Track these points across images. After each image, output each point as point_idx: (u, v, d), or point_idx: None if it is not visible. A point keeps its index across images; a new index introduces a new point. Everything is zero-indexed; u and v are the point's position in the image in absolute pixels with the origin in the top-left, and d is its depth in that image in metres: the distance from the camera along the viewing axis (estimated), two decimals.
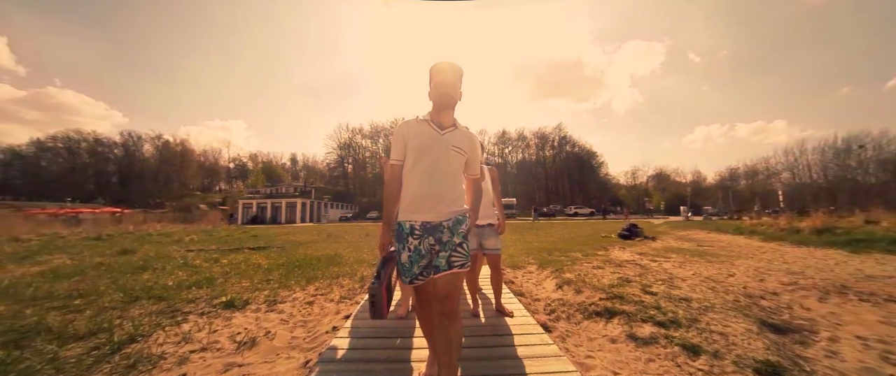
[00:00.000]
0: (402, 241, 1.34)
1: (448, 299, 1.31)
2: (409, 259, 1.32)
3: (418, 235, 1.31)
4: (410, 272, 1.32)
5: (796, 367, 1.89)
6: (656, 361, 1.94)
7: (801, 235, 9.36)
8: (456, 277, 1.33)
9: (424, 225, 1.32)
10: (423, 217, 1.32)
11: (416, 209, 1.33)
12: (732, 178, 61.34)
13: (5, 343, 2.00)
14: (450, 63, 1.36)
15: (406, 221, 1.34)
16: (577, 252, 6.49)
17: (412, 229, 1.32)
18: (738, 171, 61.03)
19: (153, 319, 2.50)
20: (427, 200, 1.31)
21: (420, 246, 1.31)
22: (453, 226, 1.34)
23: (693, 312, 2.58)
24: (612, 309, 2.64)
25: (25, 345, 2.00)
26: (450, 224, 1.33)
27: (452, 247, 1.31)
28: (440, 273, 1.31)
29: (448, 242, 1.31)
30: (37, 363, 1.78)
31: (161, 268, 4.71)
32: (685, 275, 4.11)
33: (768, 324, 2.49)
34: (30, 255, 6.41)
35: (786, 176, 54.29)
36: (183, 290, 3.29)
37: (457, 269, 1.31)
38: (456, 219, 1.35)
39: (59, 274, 4.28)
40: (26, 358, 1.82)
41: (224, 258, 5.68)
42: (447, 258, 1.31)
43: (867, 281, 4.26)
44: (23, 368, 1.72)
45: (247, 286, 3.55)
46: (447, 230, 1.33)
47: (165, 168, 64.09)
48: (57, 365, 1.78)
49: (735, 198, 45.26)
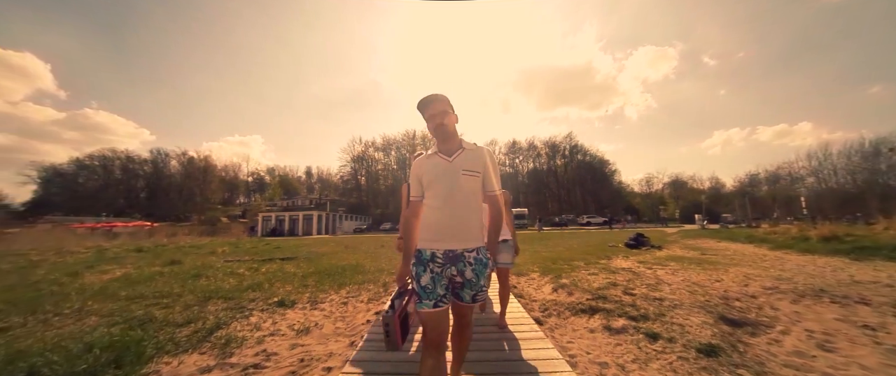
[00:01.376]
0: (423, 265, 1.33)
1: (462, 317, 1.42)
2: (432, 279, 1.30)
3: (440, 263, 1.32)
4: (434, 293, 1.29)
5: (734, 350, 2.38)
6: (623, 345, 2.47)
7: (808, 244, 9.44)
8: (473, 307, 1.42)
9: (447, 253, 1.32)
10: (444, 245, 1.32)
11: (438, 238, 1.33)
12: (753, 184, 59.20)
13: (132, 326, 2.71)
14: (433, 94, 1.40)
15: (426, 249, 1.35)
16: (580, 260, 6.93)
17: (434, 256, 1.32)
18: (759, 177, 58.98)
19: (227, 314, 3.19)
20: (445, 229, 1.33)
21: (442, 274, 1.32)
22: (477, 267, 1.33)
23: (662, 309, 3.08)
24: (595, 307, 3.17)
25: (145, 328, 2.71)
26: (472, 260, 1.33)
27: (479, 289, 1.35)
28: (463, 303, 1.37)
29: (474, 284, 1.33)
30: (163, 339, 2.47)
31: (212, 275, 5.47)
32: (672, 281, 4.55)
33: (727, 319, 2.96)
34: (93, 265, 7.35)
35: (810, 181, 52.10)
36: (241, 292, 4.00)
37: (480, 303, 1.41)
38: (480, 260, 1.35)
39: (130, 280, 5.09)
40: (154, 336, 2.52)
41: (261, 267, 6.42)
42: (472, 296, 1.36)
43: (851, 286, 4.58)
44: (156, 342, 2.41)
45: (290, 289, 4.23)
46: (470, 267, 1.32)
47: (189, 183, 67.28)
48: (176, 341, 2.47)
49: (755, 205, 43.77)
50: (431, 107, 1.38)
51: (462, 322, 1.42)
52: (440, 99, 1.39)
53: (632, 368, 2.12)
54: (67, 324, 2.86)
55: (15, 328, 2.76)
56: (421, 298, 1.30)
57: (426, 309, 1.28)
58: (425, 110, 1.39)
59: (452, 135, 1.40)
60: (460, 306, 1.38)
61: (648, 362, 2.19)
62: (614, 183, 65.42)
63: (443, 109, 1.37)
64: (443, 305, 1.30)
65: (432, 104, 1.38)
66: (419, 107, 1.41)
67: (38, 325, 2.84)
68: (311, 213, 39.53)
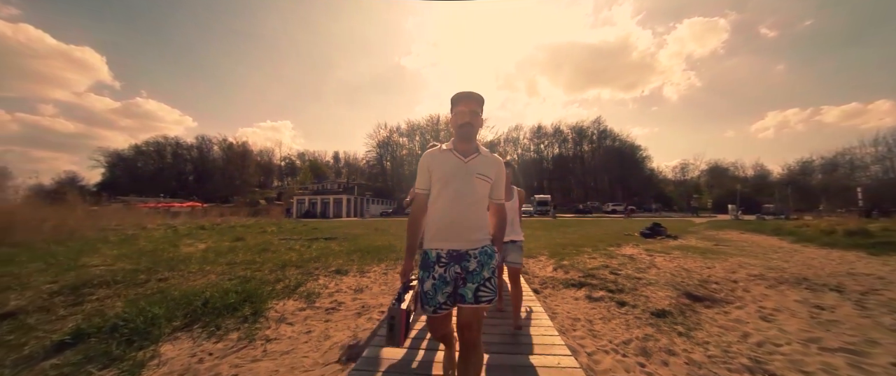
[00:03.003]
0: (428, 269, 1.34)
1: (470, 330, 1.30)
2: (433, 286, 1.31)
3: (444, 263, 1.32)
4: (434, 300, 1.31)
5: (682, 315, 3.10)
6: (596, 309, 3.26)
7: (832, 238, 9.37)
8: (479, 310, 1.31)
9: (451, 253, 1.32)
10: (449, 245, 1.33)
11: (443, 237, 1.33)
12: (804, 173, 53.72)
13: (246, 279, 3.87)
14: (470, 92, 1.39)
15: (432, 249, 1.35)
16: (588, 247, 7.58)
17: (439, 257, 1.33)
18: (813, 164, 52.96)
19: (302, 277, 4.31)
20: (452, 228, 1.33)
21: (445, 274, 1.31)
22: (482, 258, 1.33)
23: (638, 286, 3.80)
24: (583, 283, 3.95)
25: (252, 283, 3.85)
26: (477, 254, 1.33)
27: (481, 280, 1.31)
28: (466, 303, 1.30)
29: (477, 274, 1.31)
30: (269, 291, 3.58)
31: (275, 250, 6.75)
32: (664, 266, 5.18)
33: (691, 295, 3.63)
34: (179, 239, 9.01)
35: (874, 169, 46.18)
36: (306, 263, 5.16)
37: (484, 304, 1.32)
38: (484, 251, 1.35)
39: (217, 251, 6.45)
40: (263, 288, 3.64)
41: (312, 245, 7.68)
42: (474, 291, 1.30)
43: (842, 277, 4.96)
44: (265, 292, 3.52)
45: (341, 262, 5.33)
46: (475, 260, 1.32)
47: (230, 167, 72.54)
48: (276, 292, 3.57)
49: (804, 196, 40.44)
50: (466, 103, 1.39)
51: (467, 340, 1.31)
52: (476, 98, 1.40)
53: (597, 322, 2.93)
54: (199, 279, 4.09)
55: (170, 279, 4.02)
56: (423, 302, 1.35)
57: (428, 313, 1.36)
58: (459, 103, 1.39)
59: (473, 137, 1.41)
60: (463, 312, 1.31)
61: (611, 319, 2.98)
62: (645, 169, 62.64)
63: (475, 109, 1.38)
64: (442, 311, 1.34)
65: (468, 100, 1.39)
66: (454, 98, 1.41)
67: (181, 279, 4.09)
68: (340, 197, 41.95)
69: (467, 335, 1.30)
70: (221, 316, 2.87)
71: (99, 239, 8.54)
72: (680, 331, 2.75)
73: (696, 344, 2.53)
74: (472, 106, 1.38)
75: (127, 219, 19.67)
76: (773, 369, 2.15)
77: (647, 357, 2.31)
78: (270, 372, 2.08)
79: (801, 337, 2.67)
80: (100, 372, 2.04)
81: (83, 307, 3.10)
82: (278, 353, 2.34)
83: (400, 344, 1.31)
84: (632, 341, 2.55)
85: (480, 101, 1.40)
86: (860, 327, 2.90)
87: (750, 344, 2.54)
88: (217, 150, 76.01)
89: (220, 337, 2.54)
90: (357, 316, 3.05)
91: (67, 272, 4.26)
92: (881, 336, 2.70)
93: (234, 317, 2.87)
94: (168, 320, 2.72)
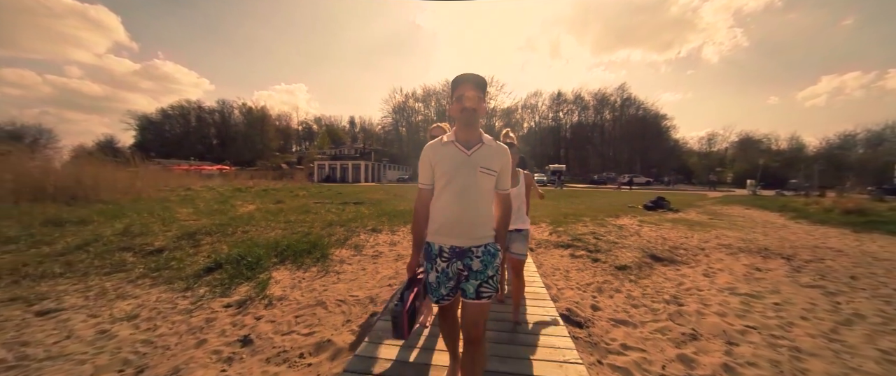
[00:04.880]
0: (431, 261, 1.37)
1: (475, 327, 1.32)
2: (436, 279, 1.35)
3: (447, 258, 1.33)
4: (437, 292, 1.37)
5: (639, 269, 4.06)
6: (575, 263, 4.27)
7: (828, 215, 9.82)
8: (484, 306, 1.33)
9: (453, 249, 1.33)
10: (452, 241, 1.33)
11: (446, 233, 1.33)
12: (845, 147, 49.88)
13: (306, 234, 5.07)
14: (472, 74, 1.30)
15: (435, 243, 1.36)
16: (588, 217, 8.47)
17: (441, 251, 1.34)
18: (856, 138, 48.30)
19: (346, 233, 5.48)
20: (456, 226, 1.31)
21: (448, 269, 1.33)
22: (485, 257, 1.33)
23: (613, 248, 4.76)
24: (569, 245, 4.95)
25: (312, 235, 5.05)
26: (480, 252, 1.33)
27: (484, 278, 1.32)
28: (467, 298, 1.33)
29: (479, 272, 1.32)
30: (327, 240, 4.76)
31: (315, 212, 8.01)
32: (647, 235, 6.07)
33: (654, 256, 4.57)
34: (226, 200, 10.49)
35: None
36: (346, 223, 6.35)
37: (485, 300, 1.32)
38: (488, 249, 1.35)
39: (268, 212, 7.77)
40: (322, 239, 4.82)
41: (344, 209, 8.93)
42: (476, 287, 1.31)
43: (809, 249, 5.67)
44: (326, 242, 4.69)
45: (375, 223, 6.50)
46: (478, 259, 1.32)
47: (251, 131, 74.79)
48: (331, 243, 4.75)
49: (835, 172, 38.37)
50: (467, 88, 1.29)
51: (472, 337, 1.33)
52: (479, 83, 1.31)
53: (572, 271, 3.95)
54: (270, 232, 5.33)
55: (250, 232, 5.28)
56: (429, 291, 1.42)
57: (434, 302, 1.42)
58: (460, 88, 1.30)
59: (476, 124, 1.34)
60: (467, 309, 1.34)
61: (584, 270, 3.99)
62: (669, 140, 60.39)
63: (478, 95, 1.30)
64: (446, 301, 1.39)
65: (469, 85, 1.29)
66: (454, 81, 1.32)
67: (257, 232, 5.34)
68: (358, 163, 43.49)
69: (473, 332, 1.32)
70: (301, 256, 4.07)
71: (164, 199, 10.10)
72: (632, 279, 3.74)
73: (638, 287, 3.52)
74: (475, 91, 1.30)
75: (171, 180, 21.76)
76: (685, 302, 3.12)
77: (599, 292, 3.33)
78: (347, 289, 3.24)
79: (722, 287, 3.60)
80: (242, 285, 3.25)
81: (202, 248, 4.37)
82: (347, 280, 3.51)
83: (404, 337, 1.39)
84: (593, 283, 3.56)
85: (483, 85, 1.32)
86: (776, 283, 3.79)
87: (680, 289, 3.51)
88: (238, 115, 77.98)
89: (305, 269, 3.74)
90: (395, 261, 4.19)
91: (169, 224, 5.59)
92: (788, 289, 3.59)
93: (309, 258, 4.06)
94: (267, 257, 3.92)
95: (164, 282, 3.32)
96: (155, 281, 3.34)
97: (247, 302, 2.90)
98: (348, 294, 3.17)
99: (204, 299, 2.95)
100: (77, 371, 1.95)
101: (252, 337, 2.35)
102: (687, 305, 3.06)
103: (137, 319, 2.59)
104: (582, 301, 3.12)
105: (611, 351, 2.27)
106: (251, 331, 2.43)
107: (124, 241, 4.49)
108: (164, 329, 2.46)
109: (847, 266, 4.56)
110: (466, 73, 1.31)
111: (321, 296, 3.08)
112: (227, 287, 3.19)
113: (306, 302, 2.97)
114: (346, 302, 2.99)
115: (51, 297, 2.91)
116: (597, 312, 2.90)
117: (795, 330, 2.60)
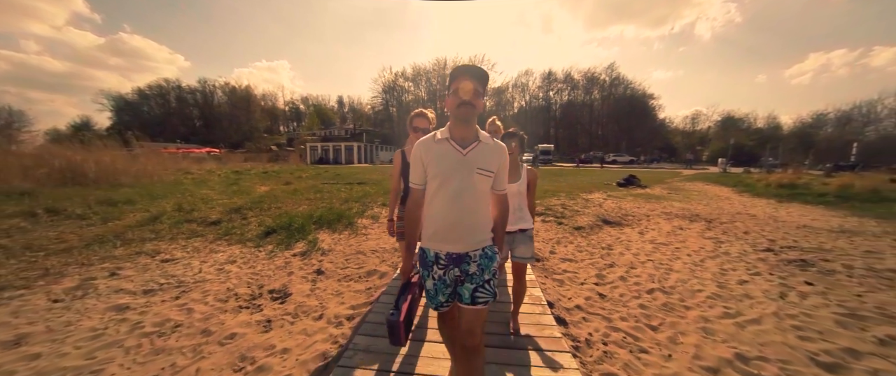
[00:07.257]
0: (427, 268, 1.33)
1: (472, 334, 1.30)
2: (434, 287, 1.33)
3: (444, 265, 1.29)
4: (436, 300, 1.34)
5: (591, 229, 5.41)
6: (543, 226, 5.58)
7: (766, 189, 11.50)
8: (480, 313, 1.30)
9: (450, 255, 1.28)
10: (448, 247, 1.28)
11: (442, 239, 1.28)
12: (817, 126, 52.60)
13: (330, 208, 6.20)
14: (474, 66, 1.22)
15: (430, 250, 1.32)
16: (565, 192, 9.81)
17: (437, 258, 1.30)
18: (827, 117, 51.18)
19: (361, 208, 6.63)
20: (452, 232, 1.26)
21: (445, 276, 1.30)
22: (482, 261, 1.29)
23: (574, 215, 6.10)
24: (541, 213, 6.25)
25: (335, 209, 6.19)
26: (478, 256, 1.29)
27: (480, 282, 1.28)
28: (463, 303, 1.31)
29: (475, 276, 1.28)
30: (350, 213, 5.91)
31: (326, 191, 9.08)
32: (608, 206, 7.45)
33: (605, 220, 5.93)
34: (234, 183, 11.38)
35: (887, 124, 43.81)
36: (358, 199, 7.48)
37: (480, 306, 1.29)
38: (486, 253, 1.31)
39: (285, 191, 8.79)
40: (345, 211, 5.97)
41: (352, 188, 10.01)
42: (472, 292, 1.28)
43: (730, 214, 7.14)
44: (348, 213, 5.85)
45: (382, 199, 7.64)
46: (475, 263, 1.29)
47: (236, 112, 72.76)
48: (354, 214, 5.92)
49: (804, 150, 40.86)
50: (465, 81, 1.20)
51: (470, 345, 1.31)
52: (477, 75, 1.22)
53: (541, 231, 5.25)
54: (299, 207, 6.43)
55: (282, 207, 6.36)
56: (427, 298, 1.38)
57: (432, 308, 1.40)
58: (458, 80, 1.21)
59: (473, 120, 1.26)
60: (464, 315, 1.31)
61: (549, 231, 5.30)
62: (656, 120, 62.22)
63: (477, 89, 1.21)
64: (445, 308, 1.37)
65: (468, 78, 1.20)
66: (452, 74, 1.24)
67: (289, 207, 6.42)
68: (351, 144, 43.83)
69: (470, 341, 1.31)
70: (333, 224, 5.23)
71: (177, 181, 10.93)
72: (583, 235, 5.08)
73: (586, 240, 4.85)
74: (475, 85, 1.21)
75: (169, 163, 22.03)
76: (615, 249, 4.46)
77: (557, 244, 4.65)
78: (375, 244, 4.45)
79: (647, 240, 4.97)
80: (298, 242, 4.41)
81: (250, 220, 5.47)
82: (373, 238, 4.71)
83: (401, 344, 1.35)
84: (554, 238, 4.88)
85: (484, 79, 1.24)
86: (687, 237, 5.18)
87: (615, 241, 4.85)
88: (220, 94, 75.42)
89: (339, 233, 4.92)
90: None
91: (209, 203, 6.61)
92: (693, 240, 4.98)
93: (340, 224, 5.23)
94: (308, 225, 5.07)
95: (236, 241, 4.45)
96: (229, 241, 4.47)
97: (307, 253, 4.08)
98: (378, 246, 4.38)
99: (275, 251, 4.11)
100: (222, 287, 3.12)
101: (322, 269, 3.56)
102: (615, 250, 4.41)
103: (237, 263, 3.75)
104: (544, 247, 4.43)
105: (555, 272, 3.57)
106: (320, 267, 3.63)
107: (183, 216, 5.54)
108: (259, 267, 3.63)
109: (750, 226, 6.01)
110: (465, 64, 1.27)
111: (358, 248, 4.29)
112: (287, 245, 4.34)
113: (349, 252, 4.17)
114: (376, 251, 4.21)
115: (163, 252, 4.01)
116: (552, 255, 4.21)
117: (677, 263, 3.97)
